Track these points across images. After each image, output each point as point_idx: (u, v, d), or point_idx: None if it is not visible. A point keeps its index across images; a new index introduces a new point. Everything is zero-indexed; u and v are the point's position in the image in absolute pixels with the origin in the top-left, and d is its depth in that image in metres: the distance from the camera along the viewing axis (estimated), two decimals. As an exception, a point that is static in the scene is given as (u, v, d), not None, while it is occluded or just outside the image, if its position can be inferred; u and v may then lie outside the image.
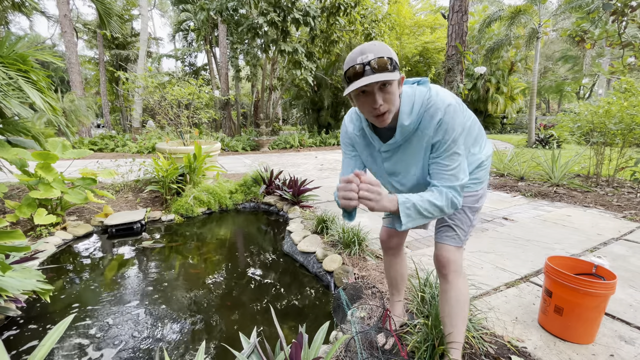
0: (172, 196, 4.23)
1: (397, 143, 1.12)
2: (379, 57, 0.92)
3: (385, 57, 0.93)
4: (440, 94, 1.05)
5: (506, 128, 20.69)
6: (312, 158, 9.36)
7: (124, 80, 6.72)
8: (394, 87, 0.98)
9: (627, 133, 4.38)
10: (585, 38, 3.97)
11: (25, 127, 3.23)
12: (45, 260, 2.78)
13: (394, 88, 0.98)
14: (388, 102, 0.98)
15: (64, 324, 1.22)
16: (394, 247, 1.56)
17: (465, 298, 1.25)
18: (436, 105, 1.03)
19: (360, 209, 3.93)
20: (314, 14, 9.96)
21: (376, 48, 0.94)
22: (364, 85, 0.93)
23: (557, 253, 2.53)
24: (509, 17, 11.25)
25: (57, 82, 21.54)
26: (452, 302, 1.24)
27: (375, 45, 0.95)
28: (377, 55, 0.92)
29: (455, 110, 1.03)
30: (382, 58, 0.92)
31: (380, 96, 0.96)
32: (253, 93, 15.93)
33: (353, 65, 0.95)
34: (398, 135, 1.09)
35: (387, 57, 0.93)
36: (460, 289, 1.24)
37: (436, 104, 1.03)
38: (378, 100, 0.96)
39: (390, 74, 0.92)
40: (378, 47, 0.95)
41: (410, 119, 1.05)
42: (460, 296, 1.23)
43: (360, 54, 0.94)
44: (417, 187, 1.24)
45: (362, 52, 0.94)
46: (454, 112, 1.03)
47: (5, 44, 2.76)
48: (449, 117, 1.02)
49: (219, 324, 1.99)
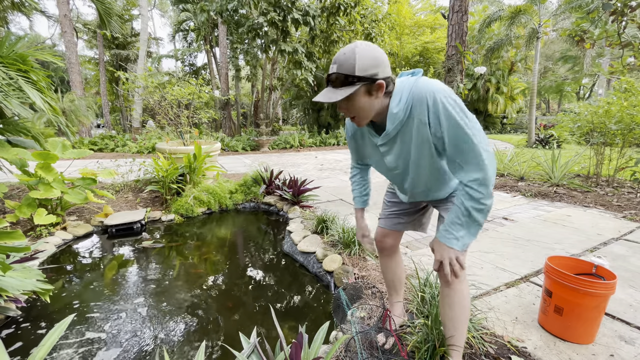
0: (172, 196, 4.23)
1: (390, 134, 1.10)
2: (337, 73, 0.97)
3: (342, 74, 0.96)
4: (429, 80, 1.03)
5: (506, 128, 20.68)
6: (312, 158, 9.36)
7: (124, 80, 6.72)
8: (355, 99, 1.00)
9: (627, 133, 4.38)
10: (584, 38, 3.97)
11: (25, 127, 3.23)
12: (45, 260, 2.78)
13: (356, 100, 1.00)
14: (352, 111, 1.04)
15: (64, 324, 1.22)
16: (389, 247, 1.56)
17: (468, 302, 1.22)
18: (421, 89, 1.01)
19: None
20: (313, 13, 9.96)
21: (342, 59, 0.96)
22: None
23: (557, 253, 2.53)
24: (509, 17, 11.25)
25: (57, 82, 21.55)
26: (456, 308, 1.21)
27: (345, 54, 0.96)
28: (339, 69, 0.96)
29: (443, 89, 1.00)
30: (339, 75, 0.96)
31: (343, 105, 1.03)
32: (253, 93, 15.94)
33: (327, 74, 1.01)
34: (389, 124, 1.08)
35: (343, 74, 0.96)
36: (464, 293, 1.20)
37: (421, 88, 1.01)
38: (341, 109, 1.05)
39: (343, 90, 0.97)
40: (345, 57, 0.96)
41: (399, 107, 1.04)
42: (464, 301, 1.20)
43: (333, 63, 0.99)
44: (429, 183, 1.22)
45: (334, 62, 0.99)
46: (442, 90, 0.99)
47: (5, 44, 2.76)
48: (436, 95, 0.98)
49: (219, 324, 1.99)
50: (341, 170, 7.05)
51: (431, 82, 1.02)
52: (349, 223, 2.98)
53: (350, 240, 2.65)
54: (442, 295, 1.24)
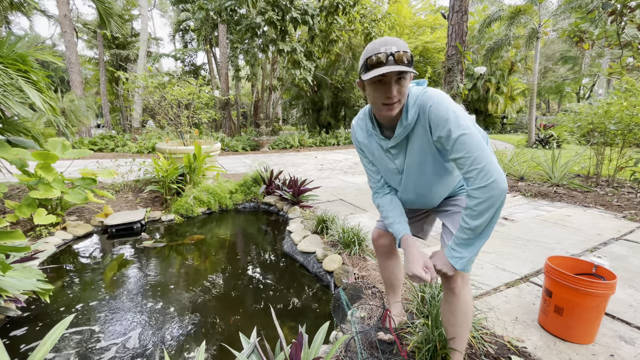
0: (172, 196, 4.23)
1: (400, 136, 1.15)
2: (403, 51, 0.99)
3: (408, 52, 1.00)
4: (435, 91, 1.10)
5: (506, 128, 20.69)
6: (312, 158, 9.36)
7: (123, 80, 6.71)
8: (407, 80, 1.05)
9: (627, 133, 4.38)
10: (583, 38, 3.97)
11: (25, 127, 3.23)
12: (45, 260, 2.78)
13: (407, 82, 1.05)
14: (400, 93, 1.05)
15: (64, 324, 1.22)
16: (386, 247, 1.56)
17: (471, 308, 1.21)
18: (426, 98, 1.08)
19: (361, 209, 3.93)
20: (312, 12, 9.95)
21: (399, 42, 1.01)
22: (383, 75, 1.00)
23: (557, 253, 2.53)
24: (509, 17, 11.24)
25: (57, 82, 21.54)
26: (458, 315, 1.20)
27: (397, 40, 1.02)
28: (401, 48, 1.00)
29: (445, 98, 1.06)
30: (405, 52, 1.00)
31: (395, 87, 1.03)
32: (253, 93, 15.93)
33: (377, 53, 1.00)
34: (399, 128, 1.13)
35: (409, 53, 1.01)
36: (467, 300, 1.18)
37: (426, 98, 1.08)
38: (393, 90, 1.03)
39: (408, 67, 1.00)
40: (400, 42, 1.02)
41: (409, 114, 1.10)
42: (467, 307, 1.19)
43: (384, 45, 1.00)
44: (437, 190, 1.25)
45: (386, 44, 1.00)
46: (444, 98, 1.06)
47: (5, 44, 2.76)
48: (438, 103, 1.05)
49: (219, 324, 1.99)
50: (341, 170, 7.05)
51: (436, 93, 1.08)
52: (349, 223, 2.98)
53: (350, 240, 2.65)
54: (444, 302, 1.24)
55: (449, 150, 1.05)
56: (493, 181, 0.95)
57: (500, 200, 0.97)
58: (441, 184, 1.25)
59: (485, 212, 0.98)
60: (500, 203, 0.98)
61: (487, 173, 0.96)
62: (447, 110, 1.03)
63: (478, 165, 0.97)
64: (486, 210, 0.98)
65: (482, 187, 0.97)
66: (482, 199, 0.97)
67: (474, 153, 0.98)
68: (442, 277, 1.18)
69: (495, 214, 0.99)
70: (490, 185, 0.96)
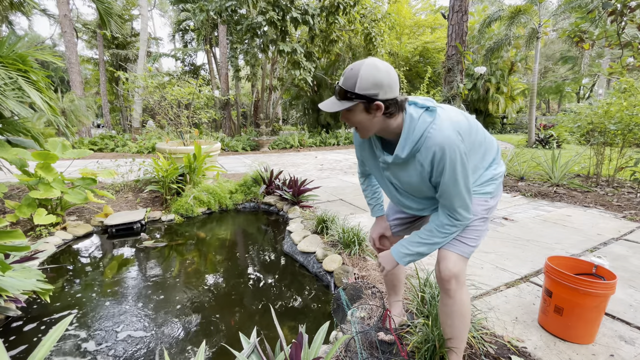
0: (172, 196, 4.23)
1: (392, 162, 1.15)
2: (340, 87, 1.02)
3: (344, 87, 1.01)
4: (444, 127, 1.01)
5: (506, 128, 20.69)
6: (312, 158, 9.36)
7: (123, 80, 6.72)
8: (353, 114, 1.05)
9: (627, 133, 4.38)
10: (584, 38, 3.97)
11: (25, 127, 3.23)
12: (45, 260, 2.78)
13: (354, 114, 1.05)
14: (351, 123, 1.08)
15: (64, 324, 1.22)
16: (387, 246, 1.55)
17: (468, 309, 1.22)
18: (434, 139, 1.01)
19: (361, 209, 3.93)
20: (312, 12, 9.96)
21: (348, 74, 1.01)
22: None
23: (557, 253, 2.53)
24: (509, 17, 11.23)
25: (57, 82, 21.55)
26: (455, 317, 1.21)
27: (352, 70, 1.00)
28: (342, 83, 1.02)
29: (454, 144, 0.99)
30: (341, 88, 1.02)
31: (345, 115, 1.07)
32: (253, 93, 15.92)
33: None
34: (394, 158, 1.12)
35: (345, 89, 1.00)
36: (464, 302, 1.19)
37: (434, 138, 1.01)
38: (343, 117, 1.08)
39: (342, 102, 1.02)
40: (351, 73, 1.00)
41: (405, 151, 1.07)
42: (464, 309, 1.19)
43: (342, 75, 1.04)
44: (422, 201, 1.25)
45: (343, 74, 1.04)
46: (452, 145, 0.99)
47: (5, 44, 2.76)
48: (446, 151, 1.00)
49: (219, 324, 1.99)
50: (341, 170, 7.05)
51: (444, 133, 1.00)
52: (349, 223, 2.98)
53: (350, 240, 2.65)
54: (441, 303, 1.24)
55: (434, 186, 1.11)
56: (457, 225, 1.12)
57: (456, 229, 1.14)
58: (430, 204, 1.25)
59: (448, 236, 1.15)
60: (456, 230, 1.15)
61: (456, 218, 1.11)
62: (448, 162, 1.01)
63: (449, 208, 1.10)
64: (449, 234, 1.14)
65: (447, 224, 1.12)
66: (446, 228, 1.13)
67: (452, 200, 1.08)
68: (438, 280, 1.21)
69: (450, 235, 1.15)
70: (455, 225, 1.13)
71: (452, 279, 1.15)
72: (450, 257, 1.16)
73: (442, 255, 1.19)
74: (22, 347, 1.79)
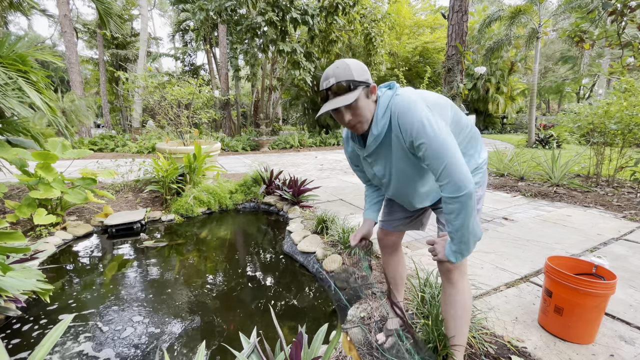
0: (172, 196, 4.23)
1: (372, 146, 1.17)
2: (337, 83, 1.04)
3: (343, 81, 1.04)
4: (405, 93, 1.08)
5: (506, 128, 20.69)
6: (312, 158, 9.36)
7: (123, 80, 6.72)
8: (359, 102, 1.07)
9: (627, 133, 4.38)
10: (584, 38, 3.97)
11: (25, 127, 3.23)
12: (45, 261, 2.78)
13: (360, 103, 1.07)
14: (356, 116, 1.09)
15: (64, 324, 1.22)
16: (391, 245, 1.58)
17: (470, 302, 1.24)
18: (397, 104, 1.07)
19: (361, 209, 3.93)
20: (312, 12, 9.96)
21: (338, 71, 1.05)
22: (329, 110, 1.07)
23: (557, 253, 2.53)
24: (509, 17, 11.24)
25: (57, 82, 21.55)
26: (458, 307, 1.22)
27: (338, 67, 1.05)
28: (337, 80, 1.04)
29: (412, 102, 1.04)
30: (340, 83, 1.04)
31: (348, 113, 1.08)
32: (253, 93, 15.92)
33: (321, 90, 1.09)
34: (370, 138, 1.15)
35: (345, 81, 1.04)
36: (466, 292, 1.22)
37: (397, 103, 1.07)
38: (346, 117, 1.09)
39: (348, 95, 1.04)
40: (340, 69, 1.05)
41: (379, 126, 1.11)
42: (466, 299, 1.22)
43: (325, 79, 1.07)
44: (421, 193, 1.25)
45: (326, 77, 1.06)
46: (411, 103, 1.04)
47: (5, 44, 2.76)
48: (404, 111, 1.04)
49: (219, 324, 1.99)
50: (341, 170, 7.05)
51: (404, 98, 1.07)
52: (349, 223, 2.98)
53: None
54: (443, 294, 1.27)
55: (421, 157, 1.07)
56: (463, 195, 1.00)
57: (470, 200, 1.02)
58: (424, 187, 1.24)
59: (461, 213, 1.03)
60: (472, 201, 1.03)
61: (455, 184, 1.00)
62: (413, 117, 1.03)
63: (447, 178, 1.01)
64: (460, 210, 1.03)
65: (452, 197, 1.02)
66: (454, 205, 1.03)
67: (442, 162, 1.01)
68: (441, 271, 1.23)
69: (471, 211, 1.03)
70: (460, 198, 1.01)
71: (455, 269, 1.19)
72: None
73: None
74: (22, 347, 1.79)
